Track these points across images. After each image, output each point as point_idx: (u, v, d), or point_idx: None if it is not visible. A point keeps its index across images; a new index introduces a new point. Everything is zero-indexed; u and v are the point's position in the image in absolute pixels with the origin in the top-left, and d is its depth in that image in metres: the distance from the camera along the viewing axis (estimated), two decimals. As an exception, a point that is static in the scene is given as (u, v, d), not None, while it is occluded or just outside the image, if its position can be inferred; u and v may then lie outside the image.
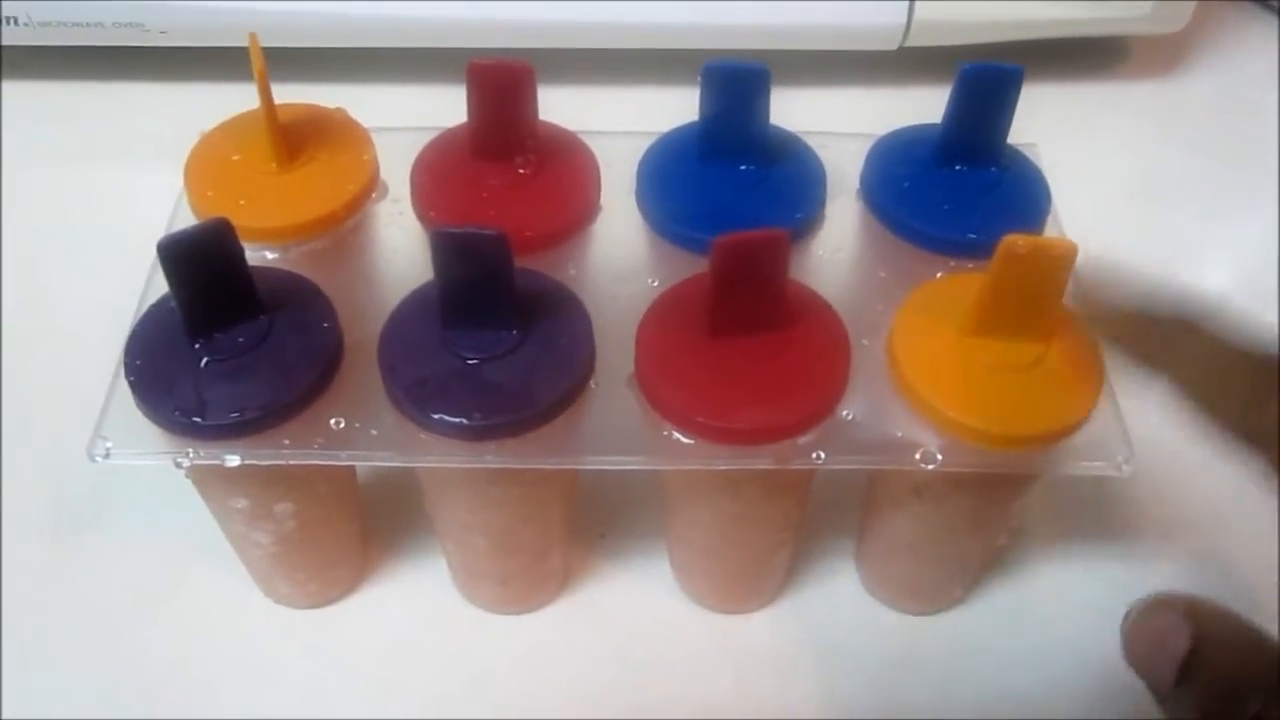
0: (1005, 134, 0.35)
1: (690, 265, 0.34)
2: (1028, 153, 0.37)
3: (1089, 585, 0.38)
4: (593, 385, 0.31)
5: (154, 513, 0.39)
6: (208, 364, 0.31)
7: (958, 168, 0.36)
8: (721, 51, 0.34)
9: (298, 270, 0.34)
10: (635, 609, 0.38)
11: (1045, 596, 0.38)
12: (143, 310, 0.32)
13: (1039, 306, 0.30)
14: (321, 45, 0.52)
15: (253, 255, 0.32)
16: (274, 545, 0.34)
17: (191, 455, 0.30)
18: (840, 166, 0.37)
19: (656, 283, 0.34)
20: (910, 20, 0.51)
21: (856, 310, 0.33)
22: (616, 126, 0.38)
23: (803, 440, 0.30)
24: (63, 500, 0.39)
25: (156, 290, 0.33)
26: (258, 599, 0.38)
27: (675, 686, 0.36)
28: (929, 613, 0.38)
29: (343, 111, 0.38)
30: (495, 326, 0.31)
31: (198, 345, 0.31)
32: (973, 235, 0.34)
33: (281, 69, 0.36)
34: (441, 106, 0.37)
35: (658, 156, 0.37)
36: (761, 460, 0.30)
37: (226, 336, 0.31)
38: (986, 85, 0.34)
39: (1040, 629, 0.38)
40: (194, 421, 0.30)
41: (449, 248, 0.29)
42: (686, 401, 0.30)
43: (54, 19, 0.50)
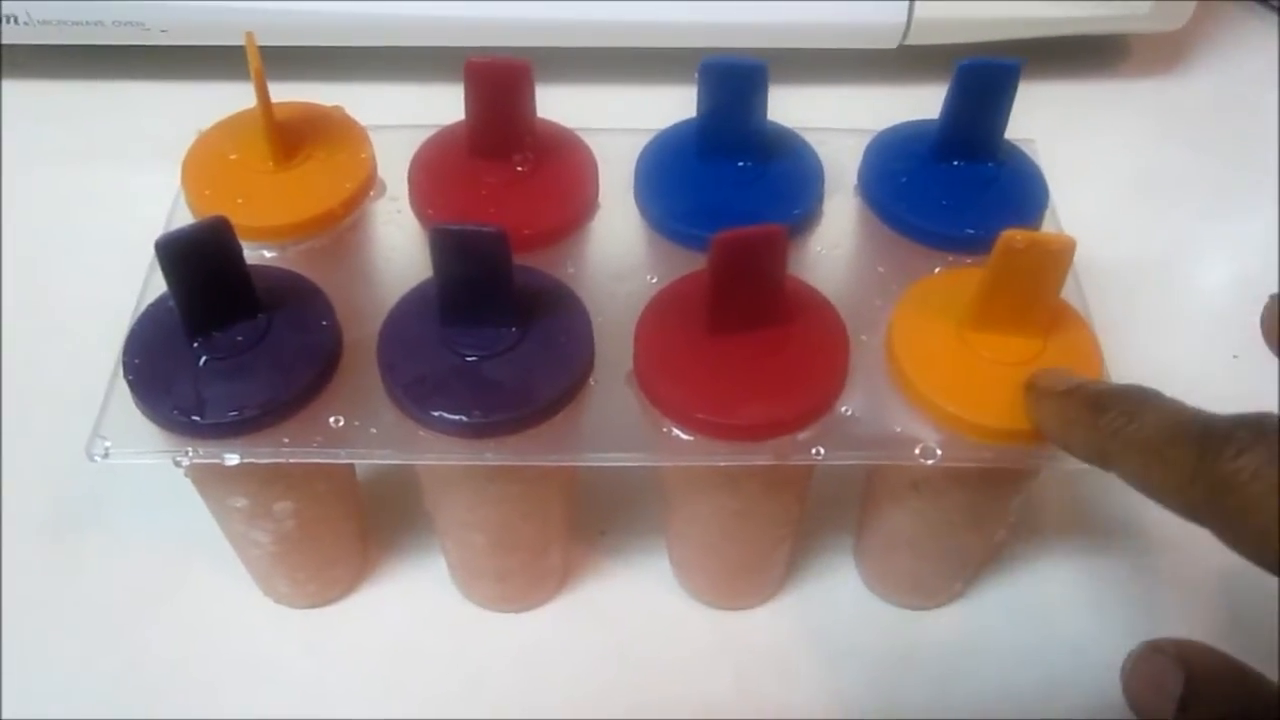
0: (1003, 129, 0.35)
1: (688, 262, 0.34)
2: (1025, 149, 0.37)
3: (1088, 580, 0.38)
4: (592, 382, 0.31)
5: (153, 512, 0.39)
6: (206, 363, 0.31)
7: (955, 163, 0.36)
8: (721, 50, 0.34)
9: (296, 269, 0.34)
10: (635, 606, 0.38)
11: (1044, 591, 0.38)
12: (141, 309, 0.32)
13: (1037, 301, 0.30)
14: (319, 44, 0.52)
15: (250, 254, 0.32)
16: (273, 544, 0.34)
17: (190, 454, 0.30)
18: (838, 162, 0.37)
19: (655, 279, 0.34)
20: (910, 19, 0.51)
21: (855, 306, 0.33)
22: (614, 125, 0.37)
23: (802, 436, 0.30)
24: (62, 500, 0.39)
25: (155, 289, 0.33)
26: (257, 598, 0.38)
27: (675, 683, 0.36)
28: (928, 608, 0.38)
29: (340, 109, 0.38)
30: (494, 324, 0.31)
31: (196, 344, 0.31)
32: (970, 230, 0.34)
33: (279, 68, 0.36)
34: (439, 105, 0.37)
35: (656, 153, 0.37)
36: (761, 456, 0.30)
37: (225, 335, 0.31)
38: (984, 80, 0.34)
39: (1039, 624, 0.37)
40: (193, 420, 0.30)
41: (448, 245, 0.29)
42: (686, 398, 0.30)
43: (54, 17, 0.50)
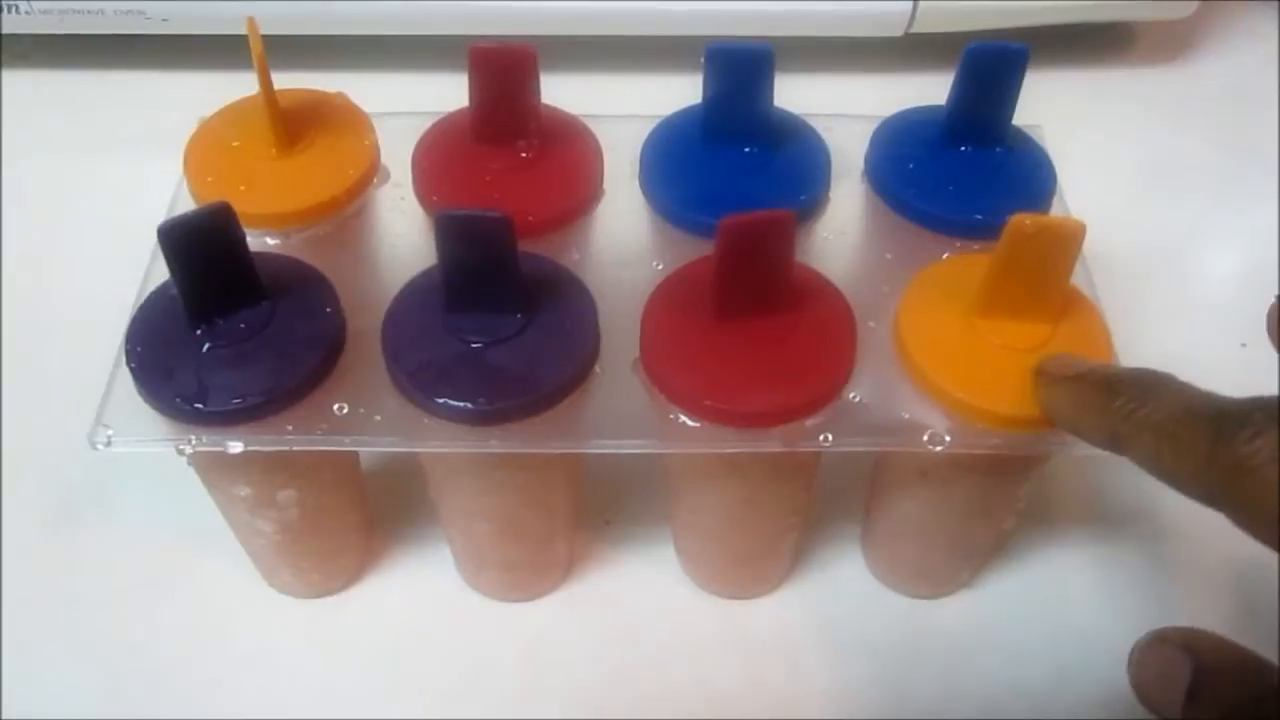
0: (1011, 114, 0.35)
1: (694, 248, 0.33)
2: (1032, 134, 0.37)
3: (1097, 569, 0.38)
4: (598, 369, 0.31)
5: (156, 501, 0.39)
6: (209, 350, 0.30)
7: (963, 149, 0.35)
8: (726, 38, 0.34)
9: (299, 256, 0.33)
10: (640, 595, 0.38)
11: (1053, 580, 0.38)
12: (143, 297, 0.32)
13: (1046, 286, 0.30)
14: (321, 33, 0.52)
15: (253, 241, 0.31)
16: (277, 534, 0.34)
17: (194, 442, 0.30)
18: (845, 148, 0.37)
19: (661, 266, 0.34)
20: (915, 6, 0.51)
21: (862, 292, 0.32)
22: (619, 113, 0.37)
23: (810, 423, 0.30)
24: (64, 488, 0.39)
25: (157, 277, 0.32)
26: (261, 588, 0.38)
27: (681, 673, 0.36)
28: (936, 597, 0.38)
29: (343, 96, 0.37)
30: (499, 310, 0.31)
31: (199, 331, 0.30)
32: (978, 216, 0.34)
33: (282, 57, 0.35)
34: (442, 94, 0.37)
35: (661, 140, 0.37)
36: (769, 443, 0.30)
37: (228, 322, 0.31)
38: (992, 65, 0.34)
39: (1048, 613, 0.37)
40: (196, 408, 0.29)
41: (453, 230, 0.29)
42: (693, 384, 0.30)
43: (54, 6, 0.50)
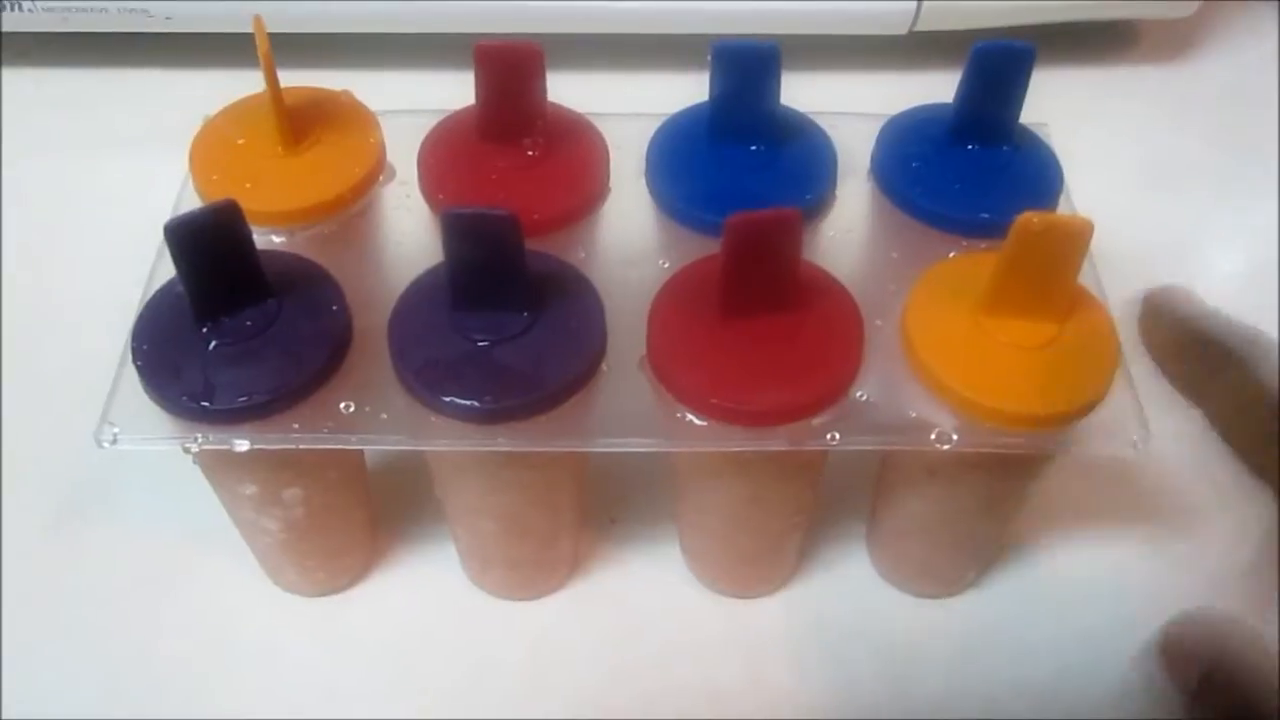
0: (1017, 113, 0.35)
1: (701, 247, 0.33)
2: (1039, 133, 0.37)
3: (1103, 569, 0.38)
4: (604, 368, 0.31)
5: (161, 500, 0.39)
6: (216, 348, 0.30)
7: (970, 147, 0.35)
8: (731, 36, 0.34)
9: (305, 254, 0.33)
10: (645, 594, 0.38)
11: (1059, 579, 0.38)
12: (149, 295, 0.32)
13: (1054, 285, 0.30)
14: (327, 31, 0.52)
15: (259, 239, 0.31)
16: (283, 532, 0.34)
17: (200, 440, 0.30)
18: (851, 147, 0.37)
19: (667, 265, 0.33)
20: (920, 4, 0.51)
21: (869, 291, 0.32)
22: (626, 111, 0.37)
23: (817, 421, 0.30)
24: (68, 487, 0.39)
25: (162, 276, 0.32)
26: (266, 586, 0.37)
27: (686, 671, 0.36)
28: (942, 596, 0.38)
29: (349, 94, 0.37)
30: (506, 308, 0.31)
31: (205, 329, 0.30)
32: (985, 215, 0.34)
33: (286, 56, 0.35)
34: (448, 93, 0.37)
35: (667, 138, 0.37)
36: (775, 441, 0.30)
37: (234, 320, 0.31)
38: (999, 63, 0.34)
39: (1054, 612, 0.37)
40: (202, 406, 0.29)
41: (460, 228, 0.29)
42: (700, 383, 0.30)
43: (57, 4, 0.50)
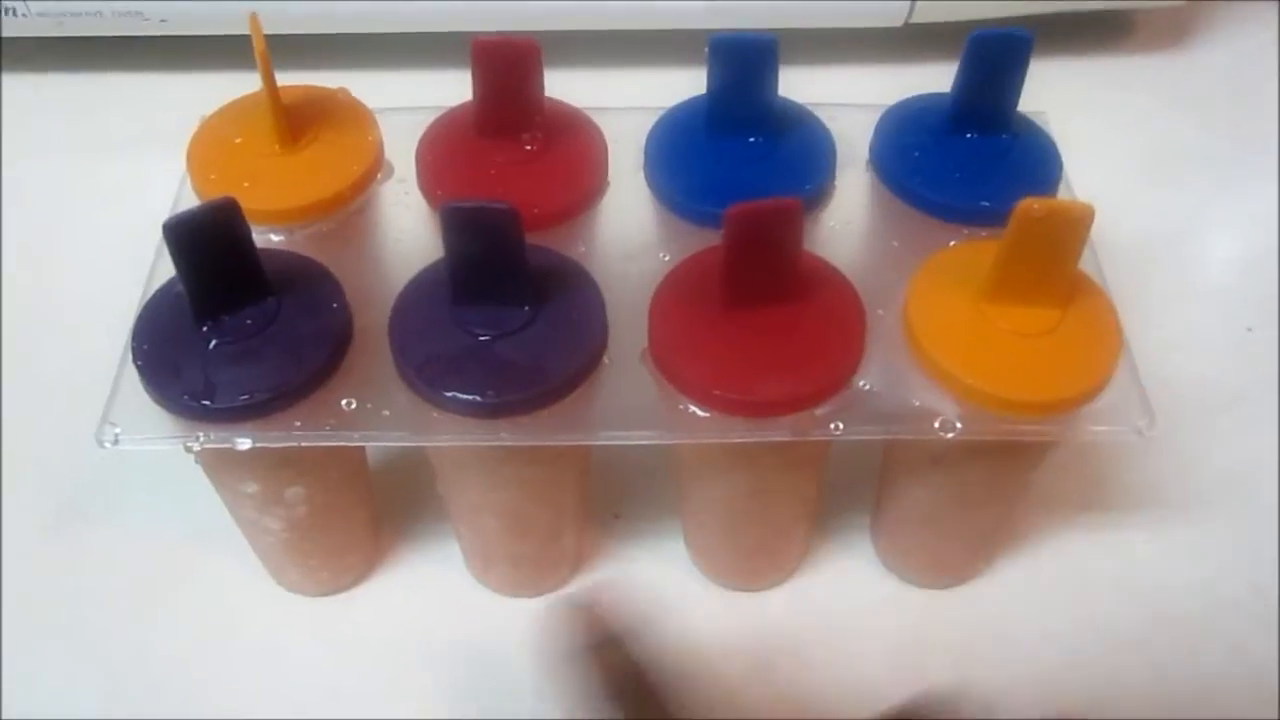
0: (1016, 101, 0.35)
1: (700, 239, 0.33)
2: (1037, 121, 0.37)
3: (1108, 557, 0.38)
4: (606, 361, 0.31)
5: (163, 499, 0.39)
6: (216, 346, 0.30)
7: (969, 135, 0.35)
8: (727, 30, 0.34)
9: (304, 253, 0.33)
10: (650, 588, 0.37)
11: (1065, 569, 0.38)
12: (149, 295, 0.32)
13: (1055, 271, 0.30)
14: (323, 31, 0.52)
15: (258, 238, 0.31)
16: (285, 531, 0.34)
17: (201, 439, 0.30)
18: (849, 137, 0.36)
19: (667, 257, 0.33)
20: (914, -4, 0.51)
21: (870, 280, 0.32)
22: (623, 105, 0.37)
23: (820, 411, 0.30)
24: (69, 487, 0.39)
25: (162, 275, 0.32)
26: (268, 586, 0.37)
27: (692, 666, 0.36)
28: (947, 586, 0.37)
29: (345, 91, 0.37)
30: (507, 303, 0.30)
31: (205, 328, 0.30)
32: (985, 202, 0.34)
33: (282, 57, 0.35)
34: (445, 91, 0.37)
35: (665, 131, 0.37)
36: (779, 432, 0.30)
37: (234, 318, 0.31)
38: (997, 51, 0.33)
39: (1060, 601, 0.37)
40: (203, 405, 0.29)
41: (459, 223, 0.29)
42: (702, 375, 0.30)
43: (52, 8, 0.50)
